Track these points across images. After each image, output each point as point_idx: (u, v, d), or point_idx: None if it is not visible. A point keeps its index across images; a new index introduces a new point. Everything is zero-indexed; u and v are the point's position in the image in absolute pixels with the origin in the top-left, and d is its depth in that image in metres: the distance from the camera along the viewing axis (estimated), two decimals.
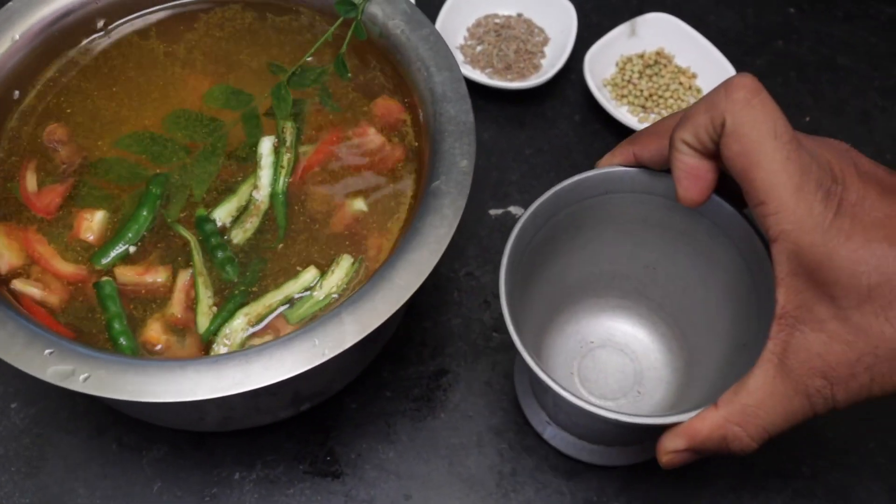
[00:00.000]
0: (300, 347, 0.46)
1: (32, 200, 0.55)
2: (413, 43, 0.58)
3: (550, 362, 0.48)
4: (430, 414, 0.63)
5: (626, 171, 0.54)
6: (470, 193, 0.52)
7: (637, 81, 0.78)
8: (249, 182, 0.56)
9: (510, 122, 0.77)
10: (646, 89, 0.77)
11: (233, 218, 0.55)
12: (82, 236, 0.55)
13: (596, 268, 0.61)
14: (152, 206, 0.55)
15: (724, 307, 0.56)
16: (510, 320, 0.50)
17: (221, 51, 0.63)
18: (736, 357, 0.53)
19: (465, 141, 0.53)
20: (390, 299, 0.47)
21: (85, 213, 0.55)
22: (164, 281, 0.53)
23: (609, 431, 0.56)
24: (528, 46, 0.80)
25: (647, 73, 0.78)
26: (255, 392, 0.45)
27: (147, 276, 0.53)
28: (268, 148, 0.57)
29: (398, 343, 0.65)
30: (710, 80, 0.77)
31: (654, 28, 0.79)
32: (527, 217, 0.53)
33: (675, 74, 0.78)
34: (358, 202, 0.56)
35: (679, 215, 0.55)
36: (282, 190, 0.56)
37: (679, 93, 0.77)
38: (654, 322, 0.63)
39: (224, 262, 0.53)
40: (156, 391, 0.45)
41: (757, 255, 0.52)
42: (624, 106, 0.77)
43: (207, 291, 0.53)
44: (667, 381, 0.62)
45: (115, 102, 0.60)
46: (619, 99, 0.77)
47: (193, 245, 0.54)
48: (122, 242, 0.54)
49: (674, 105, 0.77)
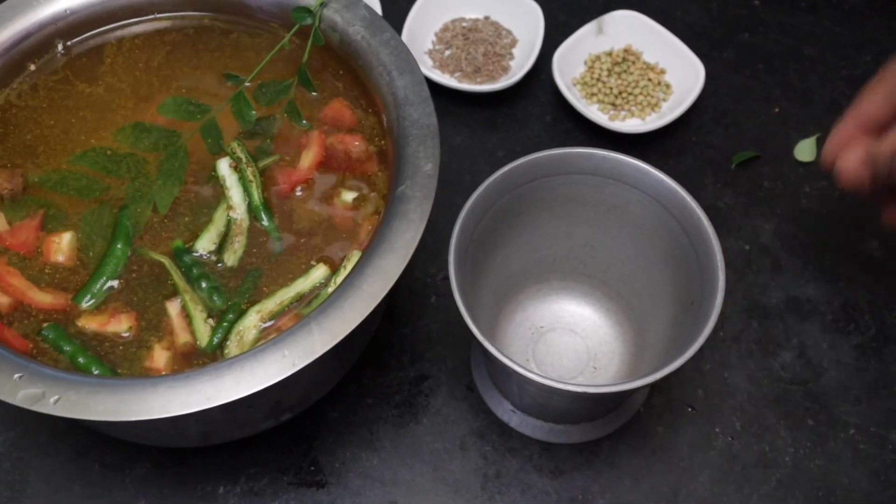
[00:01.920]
0: (270, 359, 0.45)
1: (7, 239, 0.54)
2: (374, 48, 0.57)
3: (505, 351, 0.49)
4: (412, 420, 0.62)
5: (554, 153, 0.56)
6: (444, 197, 0.51)
7: (606, 79, 0.77)
8: (222, 207, 0.55)
9: (482, 125, 0.76)
10: (615, 87, 0.76)
11: (216, 245, 0.54)
12: (53, 259, 0.53)
13: (536, 253, 0.61)
14: (127, 238, 0.54)
15: (664, 272, 0.57)
16: (465, 310, 0.51)
17: (178, 66, 0.62)
18: (683, 317, 0.54)
19: (430, 144, 0.52)
20: (359, 306, 0.47)
21: (52, 236, 0.54)
22: (127, 330, 0.51)
23: (575, 408, 0.57)
24: (496, 49, 0.79)
25: (615, 71, 0.77)
26: (231, 405, 0.45)
27: (109, 327, 0.51)
28: (226, 169, 0.56)
29: (377, 349, 0.64)
30: (678, 75, 0.76)
31: (621, 25, 0.78)
32: (466, 212, 0.54)
33: (643, 71, 0.77)
34: (347, 193, 0.56)
35: (609, 191, 0.57)
36: (259, 202, 0.55)
37: (648, 89, 0.76)
38: (598, 298, 0.64)
39: (211, 292, 0.52)
40: (127, 410, 0.44)
41: (690, 216, 0.53)
42: (594, 104, 0.76)
43: (197, 307, 0.52)
44: (619, 352, 0.62)
45: (67, 121, 0.59)
46: (589, 97, 0.76)
47: (169, 266, 0.53)
48: (103, 278, 0.53)
49: (643, 102, 0.76)
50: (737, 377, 0.63)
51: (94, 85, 0.61)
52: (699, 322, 0.51)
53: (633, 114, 0.75)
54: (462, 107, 0.77)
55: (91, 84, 0.61)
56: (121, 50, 0.62)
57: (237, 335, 0.51)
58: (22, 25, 0.59)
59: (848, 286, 0.67)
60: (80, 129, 0.59)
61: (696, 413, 0.62)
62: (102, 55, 0.62)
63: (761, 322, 0.66)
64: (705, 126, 0.76)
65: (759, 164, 0.74)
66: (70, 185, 0.56)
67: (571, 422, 0.60)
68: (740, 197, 0.72)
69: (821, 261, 0.69)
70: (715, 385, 0.63)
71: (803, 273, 0.68)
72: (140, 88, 0.60)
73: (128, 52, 0.62)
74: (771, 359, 0.64)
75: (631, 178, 0.56)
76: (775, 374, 0.64)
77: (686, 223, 0.54)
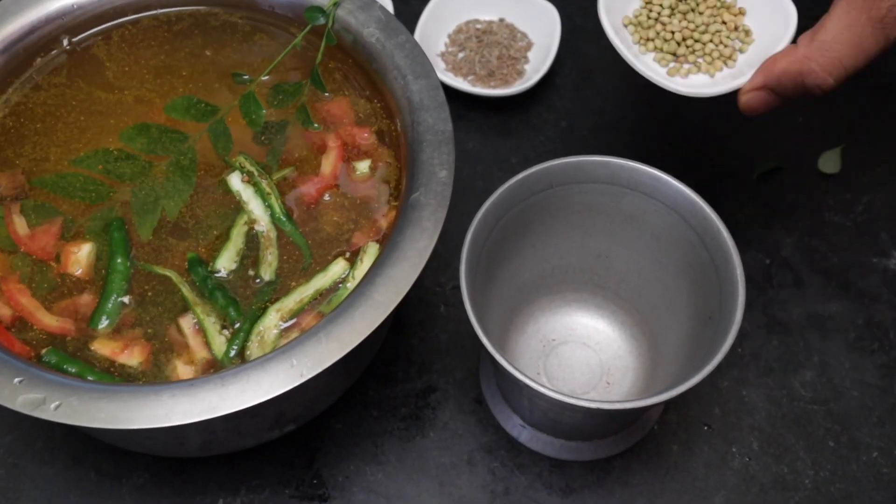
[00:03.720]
0: (277, 368, 0.46)
1: (27, 244, 0.54)
2: (389, 51, 0.58)
3: (516, 364, 0.50)
4: (418, 433, 0.62)
5: (569, 161, 0.56)
6: (455, 204, 0.52)
7: (667, 20, 0.60)
8: (240, 223, 0.55)
9: (495, 131, 0.77)
10: (678, 31, 0.60)
11: (236, 263, 0.54)
12: (70, 270, 0.53)
13: (548, 263, 0.62)
14: (124, 250, 0.54)
15: (681, 284, 0.57)
16: (475, 321, 0.51)
17: (186, 65, 0.62)
18: (701, 331, 0.54)
19: (444, 150, 0.53)
20: (370, 316, 0.47)
21: (71, 246, 0.54)
22: (138, 365, 0.51)
23: (587, 424, 0.57)
24: (510, 52, 0.79)
25: (679, 10, 0.61)
26: (234, 415, 0.45)
27: (121, 357, 0.51)
28: (239, 184, 0.56)
29: (384, 360, 0.65)
30: (761, 19, 0.60)
31: None
32: (478, 221, 0.54)
33: (716, 11, 0.61)
34: (361, 164, 0.57)
35: (625, 200, 0.57)
36: (282, 212, 0.55)
37: (722, 35, 0.60)
38: (612, 311, 0.64)
39: (226, 305, 0.52)
40: (129, 418, 0.45)
41: (710, 227, 0.53)
42: (649, 53, 0.60)
43: (210, 318, 0.52)
44: (633, 367, 0.63)
45: (71, 121, 0.60)
46: (643, 43, 0.60)
47: (176, 280, 0.53)
48: (112, 296, 0.52)
49: (714, 52, 0.59)
50: (755, 395, 0.64)
51: (99, 83, 0.61)
52: (717, 338, 0.51)
53: (699, 67, 0.59)
54: (475, 111, 0.78)
55: (96, 82, 0.61)
56: (128, 47, 0.63)
57: (258, 336, 0.51)
58: (27, 20, 0.60)
59: (872, 303, 0.68)
60: (83, 130, 0.59)
61: (713, 432, 0.62)
62: (109, 52, 0.63)
63: (781, 339, 0.66)
64: (726, 132, 0.77)
65: (782, 174, 0.74)
66: (72, 188, 0.56)
67: (583, 438, 0.61)
68: (761, 209, 0.72)
69: (844, 276, 0.69)
70: (732, 403, 0.63)
71: (826, 289, 0.68)
72: (147, 87, 0.61)
73: (135, 49, 0.63)
74: (791, 377, 0.65)
75: (648, 187, 0.57)
76: (795, 394, 0.64)
77: (705, 235, 0.55)
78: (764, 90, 0.51)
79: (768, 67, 0.50)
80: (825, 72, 0.48)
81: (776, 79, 0.50)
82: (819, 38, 0.48)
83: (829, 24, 0.48)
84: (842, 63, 0.48)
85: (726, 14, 0.60)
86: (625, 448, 0.61)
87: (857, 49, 0.48)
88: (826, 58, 0.48)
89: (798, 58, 0.49)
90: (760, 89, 0.51)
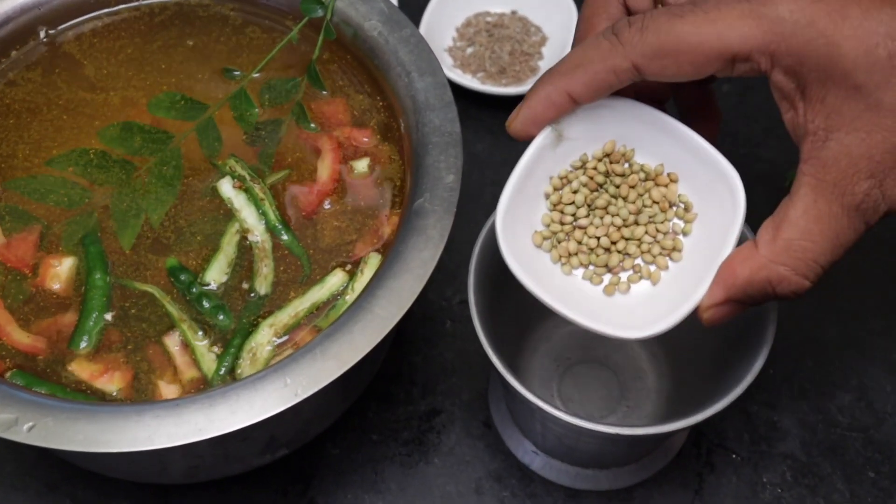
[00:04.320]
0: (270, 388, 0.46)
1: (4, 253, 0.54)
2: (392, 46, 0.58)
3: (527, 386, 0.50)
4: (422, 459, 0.62)
5: None
6: (463, 211, 0.52)
7: (585, 223, 0.58)
8: (230, 232, 0.56)
9: (506, 132, 0.77)
10: (603, 234, 0.56)
11: (227, 275, 0.55)
12: (48, 285, 0.54)
13: None
14: (102, 265, 0.54)
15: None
16: (484, 338, 0.51)
17: (172, 60, 0.63)
18: (728, 351, 0.54)
19: (452, 153, 0.53)
20: (370, 332, 0.47)
21: (51, 258, 0.54)
22: (117, 391, 0.51)
23: (605, 451, 0.57)
24: (523, 47, 0.80)
25: (597, 204, 0.53)
26: (223, 438, 0.45)
27: (100, 381, 0.51)
28: (230, 190, 0.57)
29: (385, 380, 0.65)
30: (697, 183, 0.53)
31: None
32: (488, 230, 0.55)
33: (642, 189, 0.56)
34: (359, 163, 0.57)
35: None
36: (277, 220, 0.56)
37: (657, 221, 0.54)
38: None
39: (214, 311, 0.53)
40: (109, 440, 0.45)
41: (739, 239, 0.52)
42: (576, 270, 0.60)
43: (197, 335, 0.52)
44: (655, 389, 0.63)
45: (47, 119, 0.60)
46: (564, 262, 0.57)
47: (159, 295, 0.53)
48: (94, 314, 0.53)
49: (654, 248, 0.51)
50: (787, 421, 0.64)
51: (78, 79, 0.62)
52: (746, 357, 0.51)
53: (639, 272, 0.50)
54: (485, 111, 0.78)
55: (75, 78, 0.62)
56: (109, 40, 0.63)
57: (249, 353, 0.51)
58: (1, 9, 0.61)
59: None
60: (59, 129, 0.60)
61: (741, 460, 0.62)
62: (89, 45, 0.63)
63: (816, 359, 0.66)
64: (756, 137, 0.77)
65: None
66: (46, 191, 0.57)
67: (600, 466, 0.60)
68: None
69: (885, 291, 0.69)
70: (763, 429, 0.63)
71: (865, 305, 0.68)
72: (129, 83, 0.62)
73: (117, 42, 0.63)
74: (827, 401, 0.65)
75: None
76: (832, 419, 0.64)
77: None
78: (727, 304, 0.45)
79: (728, 278, 0.45)
80: (799, 276, 0.43)
81: (740, 290, 0.45)
82: (784, 236, 0.43)
83: (795, 217, 0.43)
84: (817, 262, 0.43)
85: (655, 189, 0.50)
86: (645, 477, 0.61)
87: (832, 243, 0.43)
88: (797, 259, 0.43)
89: (762, 264, 0.44)
90: (723, 304, 0.45)
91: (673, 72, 0.44)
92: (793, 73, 0.42)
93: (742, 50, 0.42)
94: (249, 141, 0.59)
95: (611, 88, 0.46)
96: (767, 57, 0.42)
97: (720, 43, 0.42)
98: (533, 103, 0.48)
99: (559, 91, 0.46)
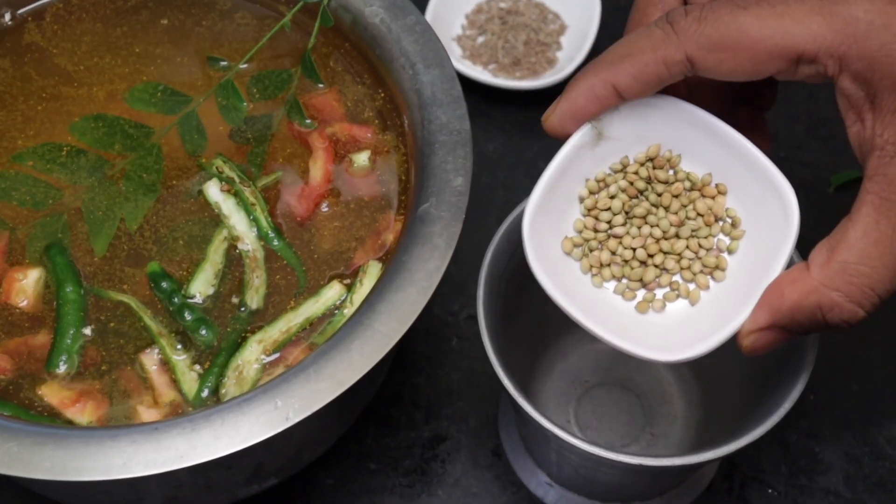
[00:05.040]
0: (258, 410, 0.46)
1: None
2: (395, 34, 0.58)
3: (542, 409, 0.50)
4: (424, 490, 0.62)
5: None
6: (471, 218, 0.52)
7: (621, 231, 0.57)
8: (218, 239, 0.56)
9: (520, 131, 0.77)
10: (639, 245, 0.58)
11: (214, 287, 0.55)
12: (13, 301, 0.54)
13: None
14: (73, 277, 0.54)
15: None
16: (495, 358, 0.51)
17: (152, 47, 0.63)
18: (764, 375, 0.54)
19: (460, 154, 0.53)
20: (369, 350, 0.47)
21: (15, 271, 0.54)
22: (88, 423, 0.50)
23: (627, 483, 0.57)
24: (540, 36, 0.80)
25: (636, 213, 0.54)
26: (205, 465, 0.45)
27: (69, 411, 0.51)
28: (218, 194, 0.57)
29: (385, 403, 0.65)
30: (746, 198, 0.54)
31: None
32: (499, 238, 0.55)
33: (686, 199, 0.61)
34: (359, 156, 0.58)
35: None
36: (269, 226, 0.56)
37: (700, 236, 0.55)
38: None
39: (196, 325, 0.53)
40: (80, 468, 0.45)
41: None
42: (607, 283, 0.61)
43: (178, 350, 0.52)
44: (682, 416, 0.63)
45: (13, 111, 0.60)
46: (595, 272, 0.59)
47: (136, 307, 0.54)
48: (70, 330, 0.52)
49: (695, 265, 0.51)
50: (830, 453, 0.64)
51: (48, 66, 0.62)
52: (784, 382, 0.51)
53: (677, 290, 0.50)
54: (497, 107, 0.78)
55: (44, 65, 0.62)
56: (83, 24, 0.64)
57: (235, 371, 0.51)
58: None
59: None
60: (28, 120, 0.60)
61: (778, 496, 0.62)
62: (60, 29, 0.63)
63: (862, 384, 0.66)
64: (798, 138, 0.77)
65: None
66: (10, 189, 0.57)
67: (622, 500, 0.60)
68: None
69: None
70: (802, 461, 0.63)
71: None
72: (105, 72, 0.62)
73: (91, 26, 0.63)
74: (874, 431, 0.64)
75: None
76: (879, 451, 0.64)
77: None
78: (772, 330, 0.45)
79: (774, 301, 0.45)
80: (853, 303, 0.43)
81: (787, 316, 0.44)
82: (839, 259, 0.43)
83: (854, 239, 0.43)
84: (874, 290, 0.43)
85: (700, 201, 0.50)
86: None
87: (893, 271, 0.42)
88: (852, 284, 0.43)
89: (813, 288, 0.43)
90: (767, 329, 0.45)
91: (730, 67, 0.44)
92: (862, 79, 0.42)
93: (809, 50, 0.42)
94: (237, 138, 0.59)
95: (660, 83, 0.46)
96: (836, 60, 0.42)
97: (785, 40, 0.42)
98: (573, 96, 0.47)
99: (604, 83, 0.46)
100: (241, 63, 0.62)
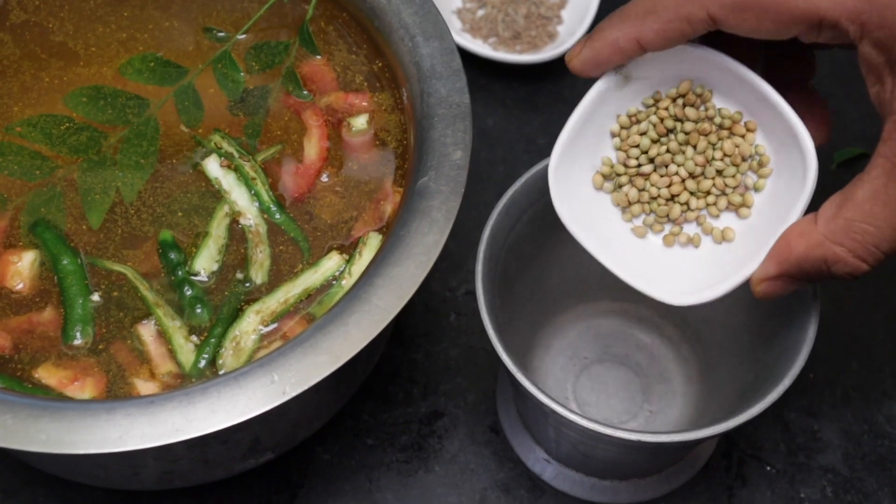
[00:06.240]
0: (255, 384, 0.46)
1: None
2: (394, 5, 0.58)
3: (541, 385, 0.50)
4: (421, 466, 0.63)
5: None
6: (470, 192, 0.52)
7: (648, 170, 0.58)
8: (219, 215, 0.56)
9: (520, 105, 0.77)
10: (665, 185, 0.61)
11: (218, 263, 0.55)
12: (9, 284, 0.53)
13: (581, 267, 0.62)
14: (66, 249, 0.54)
15: (743, 295, 0.57)
16: (493, 333, 0.51)
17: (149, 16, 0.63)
18: (763, 352, 0.54)
19: (460, 127, 0.53)
20: (367, 324, 0.47)
21: (9, 254, 0.54)
22: (88, 397, 0.51)
23: (625, 460, 0.57)
24: (541, 10, 0.80)
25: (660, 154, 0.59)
26: (201, 440, 0.45)
27: (69, 389, 0.51)
28: (217, 170, 0.57)
29: (382, 379, 0.65)
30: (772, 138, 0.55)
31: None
32: (498, 213, 0.55)
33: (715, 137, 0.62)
34: (357, 119, 0.58)
35: None
36: (272, 200, 0.56)
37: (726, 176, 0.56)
38: (657, 324, 0.64)
39: (193, 302, 0.53)
40: (75, 441, 0.45)
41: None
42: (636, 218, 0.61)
43: (175, 322, 0.52)
44: (681, 393, 0.63)
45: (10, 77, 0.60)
46: (625, 209, 0.60)
47: (133, 276, 0.54)
48: (79, 300, 0.53)
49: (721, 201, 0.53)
50: (829, 430, 0.64)
51: (40, 36, 0.62)
52: (784, 359, 0.52)
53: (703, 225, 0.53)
54: (496, 81, 0.78)
55: (37, 34, 0.62)
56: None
57: (233, 342, 0.52)
58: None
59: None
60: (25, 90, 0.60)
61: (777, 473, 0.63)
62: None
63: (863, 362, 0.66)
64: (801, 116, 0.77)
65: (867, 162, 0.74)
66: (5, 161, 0.57)
67: (619, 477, 0.61)
68: None
69: None
70: (801, 439, 0.64)
71: None
72: (100, 43, 0.61)
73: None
74: (874, 409, 0.65)
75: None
76: (879, 429, 0.64)
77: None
78: (781, 279, 0.48)
79: (782, 252, 0.47)
80: (857, 258, 0.45)
81: (794, 266, 0.47)
82: (846, 215, 0.45)
83: (861, 199, 0.45)
84: (878, 248, 0.45)
85: (728, 140, 0.51)
86: (669, 490, 0.61)
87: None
88: (856, 241, 0.45)
89: (819, 241, 0.46)
90: (776, 279, 0.48)
91: (751, 26, 0.45)
92: (882, 46, 0.43)
93: (831, 15, 0.43)
94: (234, 110, 0.59)
95: (683, 38, 0.47)
96: (858, 26, 0.43)
97: (807, 4, 0.43)
98: (598, 45, 0.49)
99: (627, 37, 0.48)
100: (239, 34, 0.61)
